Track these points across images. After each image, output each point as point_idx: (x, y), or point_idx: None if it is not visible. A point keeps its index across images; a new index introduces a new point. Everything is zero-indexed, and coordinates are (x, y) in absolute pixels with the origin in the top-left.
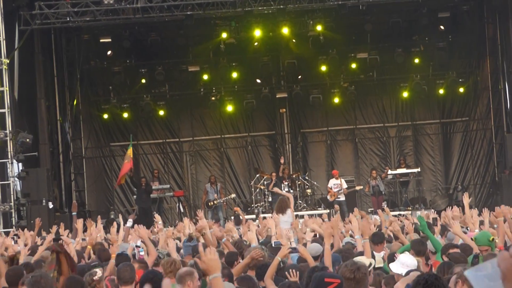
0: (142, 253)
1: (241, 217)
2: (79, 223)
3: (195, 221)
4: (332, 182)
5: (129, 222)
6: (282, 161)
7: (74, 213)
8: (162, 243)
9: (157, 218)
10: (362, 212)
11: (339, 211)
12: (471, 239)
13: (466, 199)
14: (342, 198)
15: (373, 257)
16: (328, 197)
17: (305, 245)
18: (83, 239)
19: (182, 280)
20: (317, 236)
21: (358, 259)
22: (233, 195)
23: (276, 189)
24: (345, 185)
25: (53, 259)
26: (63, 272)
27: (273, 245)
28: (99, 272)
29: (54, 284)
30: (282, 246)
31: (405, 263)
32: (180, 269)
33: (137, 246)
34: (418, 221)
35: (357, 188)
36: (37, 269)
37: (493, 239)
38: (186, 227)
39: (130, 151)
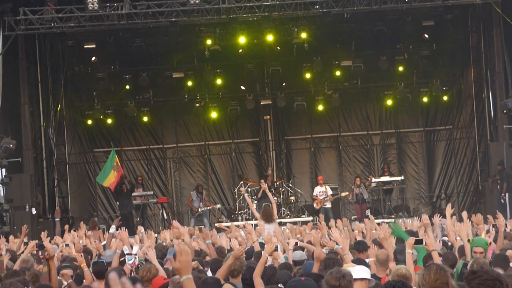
0: (131, 262)
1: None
2: (58, 237)
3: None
4: (318, 190)
5: (112, 228)
6: (269, 172)
7: (57, 219)
8: (140, 252)
9: (139, 229)
10: (346, 222)
11: (323, 222)
12: (468, 240)
13: (448, 210)
14: (328, 205)
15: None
16: (314, 205)
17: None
18: (66, 245)
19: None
20: (298, 244)
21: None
22: (219, 206)
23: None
24: (330, 192)
25: (46, 272)
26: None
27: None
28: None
29: None
30: (267, 244)
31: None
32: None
33: (127, 254)
34: (390, 227)
35: (343, 194)
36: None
37: (490, 243)
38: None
39: (117, 160)
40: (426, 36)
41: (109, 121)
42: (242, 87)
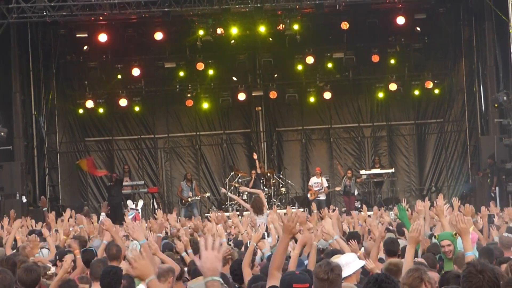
0: (131, 216)
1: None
2: (51, 216)
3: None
4: (313, 181)
5: (102, 216)
6: (255, 156)
7: (44, 209)
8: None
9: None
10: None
11: (315, 210)
12: (434, 236)
13: (440, 201)
14: (322, 197)
15: None
16: (309, 195)
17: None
18: (56, 231)
19: (164, 275)
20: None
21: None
22: (208, 194)
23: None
24: (326, 184)
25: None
26: None
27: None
28: (52, 269)
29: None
30: (254, 233)
31: (346, 263)
32: (161, 265)
33: (131, 209)
34: (397, 210)
35: (337, 189)
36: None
37: (455, 233)
38: (158, 220)
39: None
40: (418, 29)
41: (101, 110)
42: (234, 78)
